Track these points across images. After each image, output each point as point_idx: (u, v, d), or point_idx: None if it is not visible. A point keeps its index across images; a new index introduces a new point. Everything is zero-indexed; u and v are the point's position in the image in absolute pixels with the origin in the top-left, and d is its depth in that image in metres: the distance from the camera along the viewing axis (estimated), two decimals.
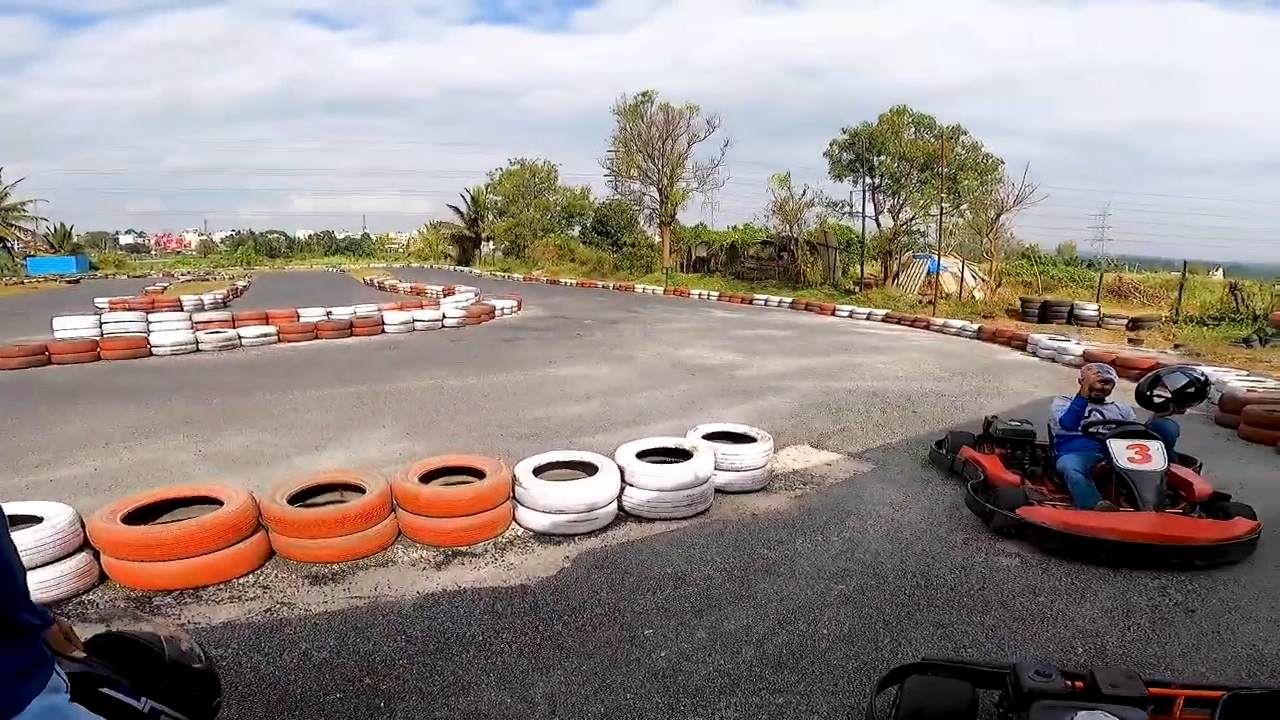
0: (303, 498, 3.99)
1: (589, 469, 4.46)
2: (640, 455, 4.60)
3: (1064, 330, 16.17)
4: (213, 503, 3.71)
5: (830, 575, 3.70)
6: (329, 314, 14.33)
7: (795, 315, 20.30)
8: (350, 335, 13.28)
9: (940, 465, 5.46)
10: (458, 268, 45.83)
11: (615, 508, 4.34)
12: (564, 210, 47.03)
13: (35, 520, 3.35)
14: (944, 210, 22.94)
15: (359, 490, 3.98)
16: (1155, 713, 2.11)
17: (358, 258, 61.89)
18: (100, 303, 17.23)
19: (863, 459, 5.82)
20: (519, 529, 4.20)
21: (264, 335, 12.28)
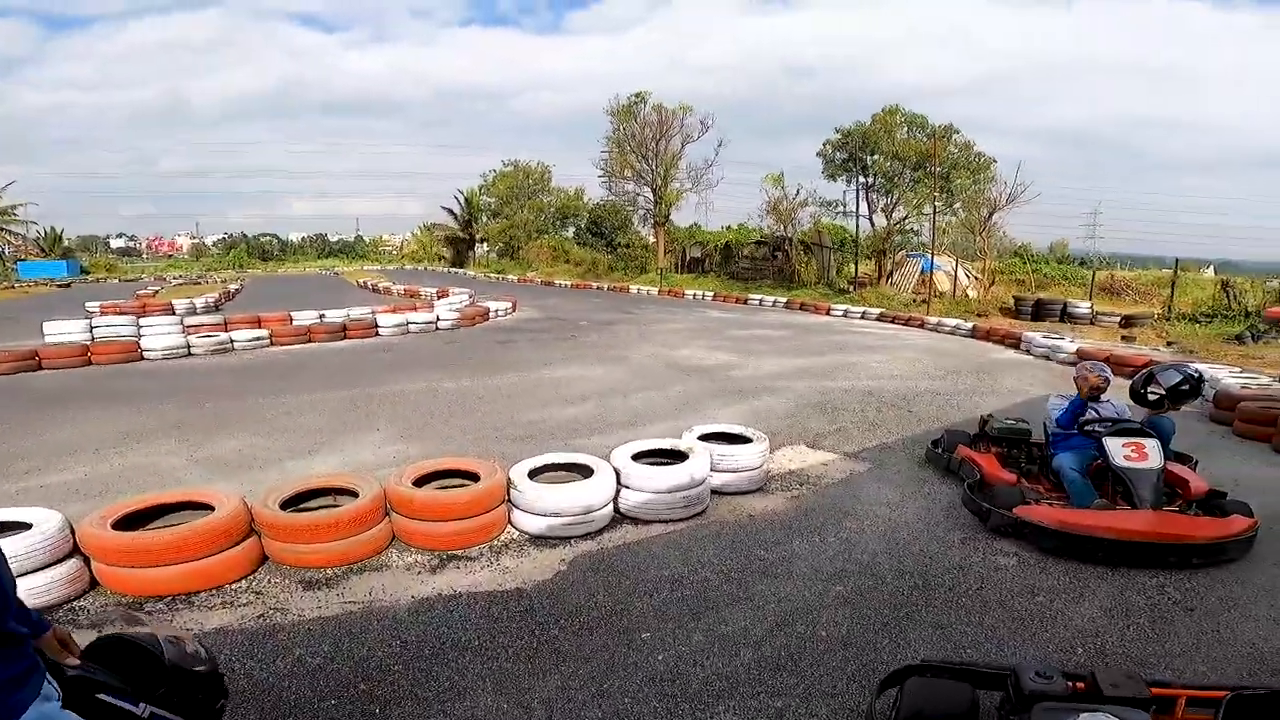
0: (296, 502, 3.96)
1: (584, 471, 4.43)
2: (636, 457, 4.58)
3: (1057, 328, 16.24)
4: (204, 508, 3.69)
5: (828, 576, 3.68)
6: (322, 317, 14.29)
7: (790, 315, 20.31)
8: (344, 338, 13.23)
9: (936, 464, 5.46)
10: (452, 270, 45.77)
11: (611, 510, 4.32)
12: (558, 211, 47.03)
13: (25, 527, 3.36)
14: (937, 209, 23.03)
15: (352, 494, 3.95)
16: (1157, 713, 2.09)
17: (351, 260, 61.87)
18: (91, 307, 17.13)
19: (859, 459, 5.81)
20: (514, 532, 4.17)
21: (256, 339, 12.22)
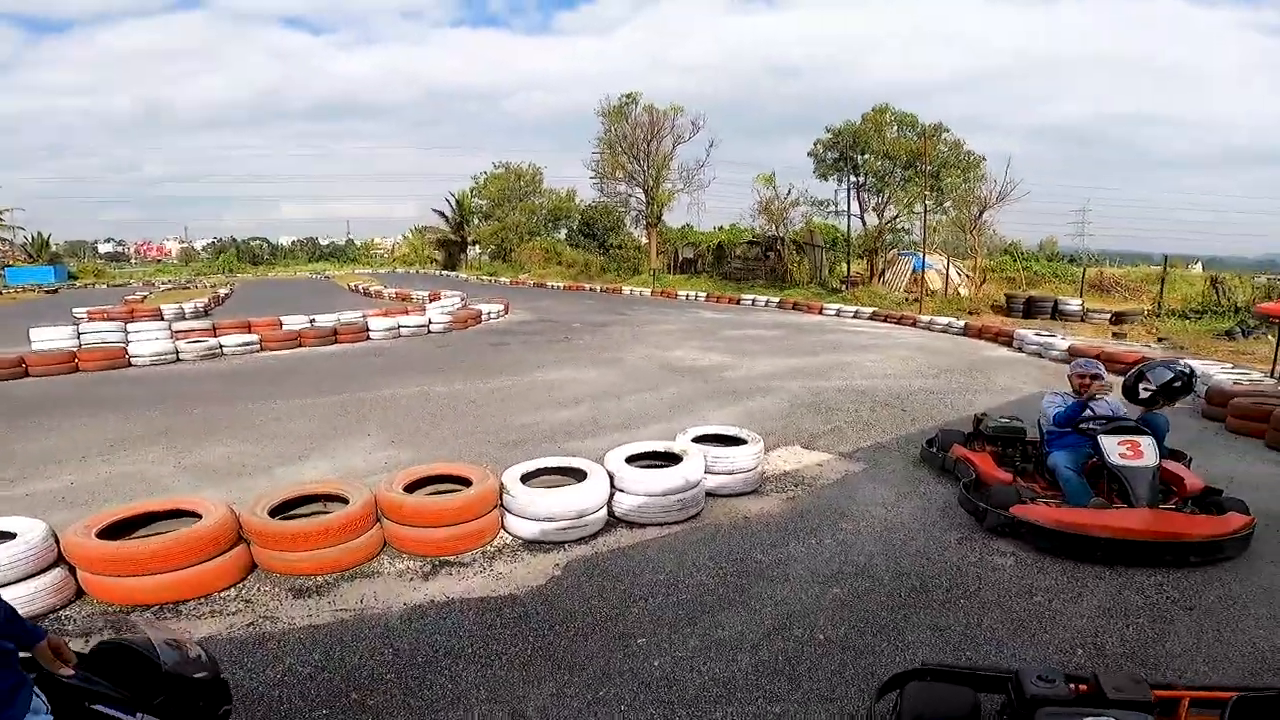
0: (285, 509, 3.91)
1: (578, 475, 4.39)
2: (630, 460, 4.54)
3: (1048, 325, 16.33)
4: (191, 516, 3.63)
5: (824, 579, 3.65)
6: (312, 321, 14.17)
7: (783, 315, 20.33)
8: (334, 342, 13.14)
9: (931, 464, 5.44)
10: (443, 272, 45.64)
11: (605, 514, 4.27)
12: (550, 213, 46.94)
13: (9, 536, 3.30)
14: (928, 207, 23.12)
15: (342, 501, 3.90)
16: (1161, 716, 2.07)
17: (342, 264, 61.55)
18: (78, 313, 16.99)
19: (854, 459, 5.79)
20: (507, 537, 4.12)
21: (246, 344, 12.10)
